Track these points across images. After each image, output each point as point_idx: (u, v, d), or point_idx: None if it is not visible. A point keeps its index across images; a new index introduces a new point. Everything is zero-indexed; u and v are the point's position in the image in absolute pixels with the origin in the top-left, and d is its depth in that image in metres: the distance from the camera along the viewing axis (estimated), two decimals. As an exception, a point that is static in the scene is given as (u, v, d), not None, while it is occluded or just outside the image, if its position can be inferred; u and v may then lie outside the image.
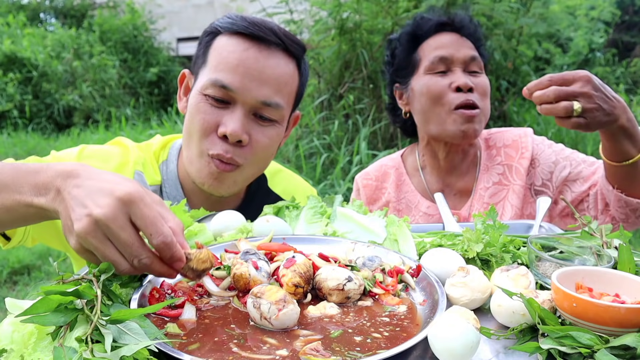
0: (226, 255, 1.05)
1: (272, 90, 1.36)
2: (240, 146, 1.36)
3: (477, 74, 1.73)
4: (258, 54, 1.35)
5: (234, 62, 1.34)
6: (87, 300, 0.77)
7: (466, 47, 1.74)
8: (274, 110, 1.38)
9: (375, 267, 1.01)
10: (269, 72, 1.35)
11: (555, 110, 1.32)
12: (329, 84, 5.70)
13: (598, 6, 8.18)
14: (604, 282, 0.88)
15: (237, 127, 1.33)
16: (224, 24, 1.40)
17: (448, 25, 1.76)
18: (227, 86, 1.34)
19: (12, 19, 11.30)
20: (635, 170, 1.44)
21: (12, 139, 9.16)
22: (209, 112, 1.35)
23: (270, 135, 1.41)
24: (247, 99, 1.35)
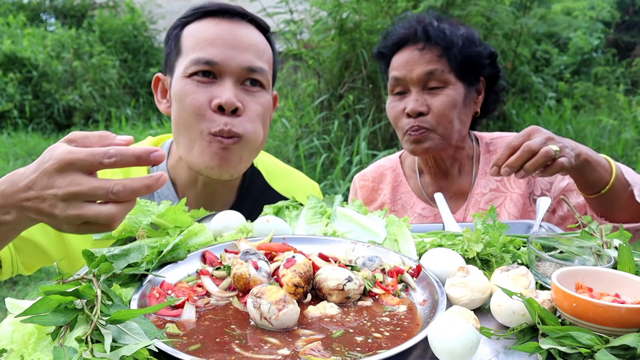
0: (226, 255, 1.06)
1: (254, 56, 1.39)
2: (236, 116, 1.36)
3: (438, 89, 1.66)
4: (231, 24, 1.40)
5: (211, 37, 1.37)
6: (87, 300, 0.77)
7: (423, 63, 1.66)
8: (259, 75, 1.40)
9: (375, 267, 1.01)
10: (246, 39, 1.39)
11: (538, 159, 1.28)
12: (329, 84, 5.70)
13: (597, 6, 8.18)
14: (604, 282, 0.88)
15: (231, 95, 1.34)
16: (188, 15, 1.44)
17: (411, 39, 1.70)
18: (210, 61, 1.35)
19: (12, 19, 11.29)
20: (614, 195, 1.44)
21: (12, 139, 9.16)
22: (197, 90, 1.36)
23: (262, 101, 1.42)
24: (233, 67, 1.36)
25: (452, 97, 1.66)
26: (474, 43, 1.71)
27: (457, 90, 1.67)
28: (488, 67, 1.74)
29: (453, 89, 1.67)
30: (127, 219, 1.13)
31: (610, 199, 1.45)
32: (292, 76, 6.54)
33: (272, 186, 1.65)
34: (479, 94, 1.77)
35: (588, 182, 1.43)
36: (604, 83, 7.84)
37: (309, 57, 5.73)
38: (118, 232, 1.13)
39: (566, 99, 6.96)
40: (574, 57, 7.85)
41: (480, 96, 1.78)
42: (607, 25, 8.60)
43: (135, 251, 1.01)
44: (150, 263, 0.99)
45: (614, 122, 6.35)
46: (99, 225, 0.87)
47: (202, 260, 1.07)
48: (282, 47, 6.20)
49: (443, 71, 1.66)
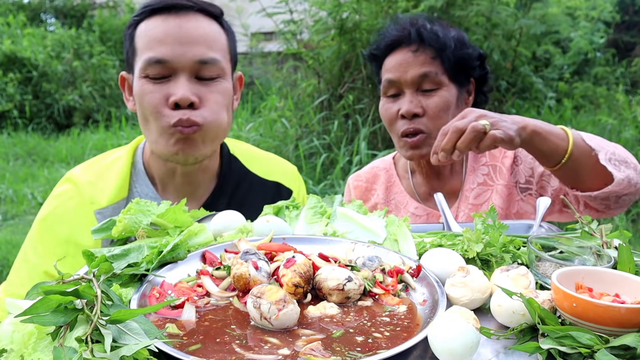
0: (226, 255, 1.06)
1: (204, 48, 1.40)
2: (194, 109, 1.39)
3: (432, 91, 1.67)
4: (178, 20, 1.40)
5: (159, 36, 1.38)
6: (87, 300, 0.77)
7: (417, 65, 1.66)
8: (212, 67, 1.41)
9: (375, 267, 1.01)
10: (194, 32, 1.39)
11: (467, 136, 1.29)
12: (328, 84, 5.70)
13: (598, 6, 8.18)
14: (604, 282, 0.88)
15: (185, 91, 1.37)
16: (139, 13, 1.44)
17: (404, 41, 1.70)
18: (161, 59, 1.37)
19: (12, 19, 11.29)
20: (577, 162, 1.43)
21: (12, 139, 9.16)
22: (154, 90, 1.39)
23: (219, 90, 1.44)
24: (184, 63, 1.38)
25: (446, 98, 1.68)
26: (465, 45, 1.73)
27: (450, 91, 1.69)
28: (478, 68, 1.77)
29: (446, 90, 1.68)
30: (127, 219, 1.13)
31: (574, 168, 1.44)
32: (292, 76, 6.55)
33: (251, 170, 1.67)
34: (469, 95, 1.80)
35: (544, 154, 1.42)
36: (604, 83, 7.83)
37: (308, 57, 5.73)
38: (118, 232, 1.13)
39: (566, 99, 6.96)
40: (575, 57, 7.85)
41: (471, 97, 1.80)
42: (607, 25, 8.59)
43: (135, 251, 1.02)
44: (150, 263, 0.99)
45: (614, 122, 6.35)
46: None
47: (202, 260, 1.07)
48: (282, 47, 6.20)
49: (437, 73, 1.67)
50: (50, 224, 1.45)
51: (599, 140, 1.47)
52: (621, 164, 1.44)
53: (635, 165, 1.47)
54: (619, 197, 1.47)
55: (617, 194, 1.45)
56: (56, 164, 7.83)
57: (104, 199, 1.45)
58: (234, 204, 1.48)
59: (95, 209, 1.44)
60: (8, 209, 5.90)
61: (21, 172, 7.23)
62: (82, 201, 1.45)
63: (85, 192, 1.46)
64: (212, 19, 1.46)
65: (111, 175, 1.50)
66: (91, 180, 1.48)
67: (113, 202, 1.46)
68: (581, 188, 1.51)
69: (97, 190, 1.47)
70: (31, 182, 6.71)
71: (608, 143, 1.47)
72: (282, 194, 1.67)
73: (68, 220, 1.43)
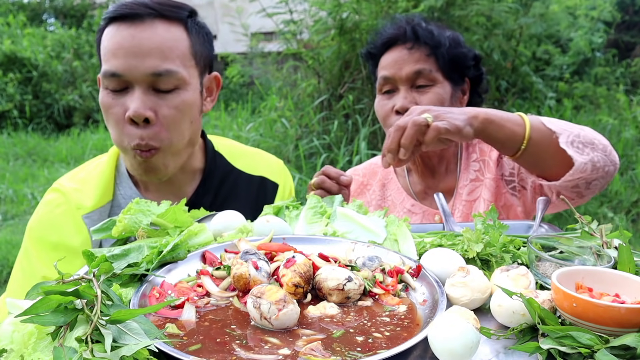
0: (226, 255, 1.06)
1: (157, 60, 1.35)
2: (150, 126, 1.36)
3: (426, 87, 1.70)
4: (132, 30, 1.35)
5: (113, 48, 1.35)
6: (87, 300, 0.77)
7: (412, 62, 1.70)
8: (168, 78, 1.36)
9: (375, 267, 1.01)
10: (147, 43, 1.34)
11: (409, 131, 1.26)
12: (328, 84, 5.70)
13: (598, 6, 8.18)
14: (604, 282, 0.88)
15: (138, 106, 1.34)
16: (104, 17, 1.41)
17: (400, 39, 1.73)
18: (115, 73, 1.35)
19: (12, 19, 11.29)
20: (538, 147, 1.39)
21: (12, 139, 9.16)
22: (113, 103, 1.38)
23: (176, 104, 1.39)
24: (137, 76, 1.35)
25: (440, 94, 1.70)
26: (460, 44, 1.76)
27: (444, 88, 1.72)
28: (473, 68, 1.79)
29: (441, 87, 1.71)
30: (127, 219, 1.13)
31: (535, 154, 1.40)
32: (292, 76, 6.55)
33: (235, 166, 1.66)
34: (464, 94, 1.81)
35: (501, 141, 1.39)
36: (604, 83, 7.83)
37: (308, 57, 5.73)
38: (118, 232, 1.13)
39: (566, 99, 6.97)
40: (575, 57, 7.85)
41: (465, 96, 1.82)
42: (607, 25, 8.59)
43: (135, 251, 1.02)
44: (150, 263, 0.99)
45: (614, 122, 6.35)
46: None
47: (202, 260, 1.07)
48: (282, 47, 6.20)
49: (431, 70, 1.70)
50: (40, 232, 1.47)
51: (562, 123, 1.42)
52: (586, 146, 1.38)
53: (605, 147, 1.41)
54: (589, 183, 1.42)
55: (586, 180, 1.41)
56: (56, 164, 7.84)
57: (89, 203, 1.47)
58: (219, 200, 1.48)
59: (83, 213, 1.46)
60: (8, 209, 5.90)
61: (21, 172, 7.23)
62: (69, 208, 1.47)
63: (71, 199, 1.48)
64: (174, 23, 1.40)
65: (95, 181, 1.51)
66: (76, 187, 1.50)
67: (99, 205, 1.48)
68: (546, 176, 1.48)
69: (82, 195, 1.49)
70: (31, 182, 6.71)
71: (573, 126, 1.42)
72: (268, 188, 1.67)
73: (57, 226, 1.45)
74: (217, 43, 7.83)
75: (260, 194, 1.64)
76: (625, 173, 5.58)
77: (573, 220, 2.02)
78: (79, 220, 1.45)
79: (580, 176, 1.39)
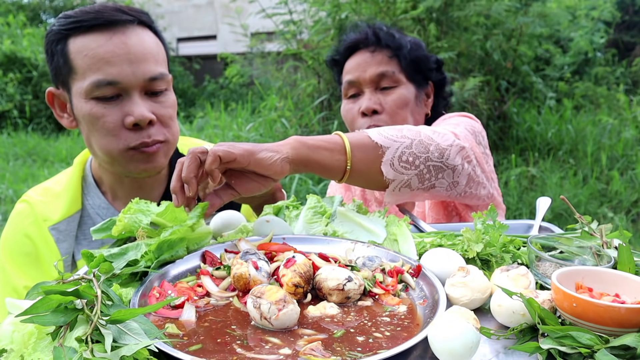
0: (226, 255, 1.06)
1: (151, 64, 1.38)
2: (151, 127, 1.39)
3: (390, 89, 1.72)
4: (121, 37, 1.35)
5: (105, 56, 1.33)
6: (87, 300, 0.77)
7: (375, 64, 1.73)
8: (161, 81, 1.40)
9: (375, 267, 1.01)
10: (139, 49, 1.36)
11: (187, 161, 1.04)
12: (328, 84, 5.70)
13: (599, 6, 8.18)
14: (604, 282, 0.88)
15: (142, 110, 1.36)
16: (68, 25, 1.36)
17: (362, 43, 1.76)
18: (112, 81, 1.34)
19: (12, 19, 11.29)
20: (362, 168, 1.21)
21: (12, 139, 9.16)
22: (107, 112, 1.36)
23: (170, 104, 1.44)
24: (135, 82, 1.36)
25: (404, 95, 1.73)
26: (421, 48, 1.80)
27: (408, 89, 1.75)
28: (435, 71, 1.83)
29: (404, 88, 1.74)
30: (127, 219, 1.13)
31: (361, 173, 1.22)
32: (291, 76, 6.54)
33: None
34: (428, 97, 1.85)
35: (327, 171, 1.19)
36: (604, 83, 7.84)
37: (308, 57, 5.73)
38: (118, 231, 1.13)
39: (566, 99, 6.97)
40: (575, 57, 7.86)
41: (430, 99, 1.85)
42: (607, 25, 8.59)
43: (133, 249, 1.02)
44: (149, 261, 0.99)
45: (614, 122, 6.36)
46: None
47: (202, 260, 1.07)
48: (282, 48, 6.20)
49: (394, 72, 1.73)
50: (13, 244, 1.48)
51: (395, 132, 1.25)
52: (417, 158, 1.24)
53: (442, 152, 1.27)
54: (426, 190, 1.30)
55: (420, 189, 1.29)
56: (56, 164, 7.83)
57: (56, 215, 1.48)
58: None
59: (49, 225, 1.47)
60: (8, 209, 5.90)
61: (21, 172, 7.22)
62: (36, 219, 1.48)
63: (38, 211, 1.49)
64: (148, 29, 1.42)
65: (62, 192, 1.52)
66: (42, 200, 1.51)
67: (66, 216, 1.49)
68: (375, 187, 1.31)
69: (48, 208, 1.49)
70: (31, 182, 6.71)
71: (408, 133, 1.26)
72: None
73: (29, 236, 1.47)
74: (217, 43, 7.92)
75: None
76: (625, 173, 5.58)
77: (573, 220, 2.02)
78: (46, 232, 1.47)
79: (405, 190, 1.28)
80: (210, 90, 12.00)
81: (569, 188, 5.20)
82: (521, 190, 5.23)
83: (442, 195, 1.36)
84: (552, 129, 6.11)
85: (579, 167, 5.70)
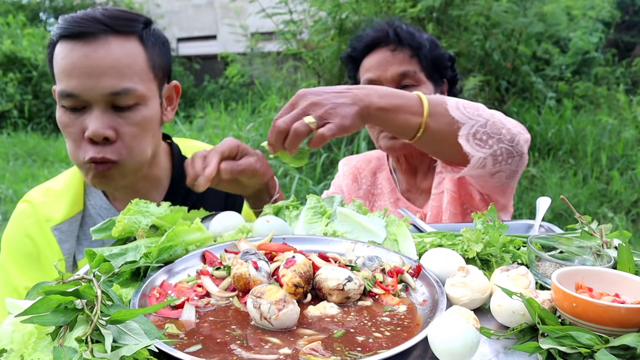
0: (226, 255, 1.06)
1: (114, 79, 1.32)
2: (110, 144, 1.35)
3: (411, 87, 1.72)
4: (86, 49, 1.31)
5: (67, 68, 1.31)
6: (87, 300, 0.77)
7: (396, 64, 1.72)
8: (127, 96, 1.33)
9: (375, 267, 1.01)
10: (101, 63, 1.31)
11: (291, 138, 1.14)
12: (328, 84, 5.70)
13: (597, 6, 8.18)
14: (604, 282, 0.88)
15: (97, 126, 1.32)
16: (55, 32, 1.37)
17: (382, 41, 1.75)
18: (71, 93, 1.32)
19: (12, 19, 11.29)
20: (435, 136, 1.29)
21: (12, 139, 9.16)
22: (70, 123, 1.35)
23: (137, 121, 1.37)
24: (94, 97, 1.31)
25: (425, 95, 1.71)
26: (438, 46, 1.81)
27: (428, 88, 1.75)
28: (449, 69, 1.84)
29: (425, 87, 1.74)
30: (127, 219, 1.13)
31: (432, 141, 1.30)
32: (292, 76, 6.55)
33: None
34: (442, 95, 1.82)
35: (395, 129, 1.30)
36: (604, 83, 7.84)
37: (308, 57, 5.74)
38: (118, 232, 1.13)
39: (566, 99, 6.97)
40: (575, 57, 7.85)
41: None
42: (607, 25, 8.59)
43: (133, 250, 1.02)
44: (149, 260, 1.00)
45: (614, 122, 6.36)
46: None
47: (202, 260, 1.07)
48: (282, 47, 6.21)
49: (415, 71, 1.73)
50: (15, 244, 1.48)
51: (471, 109, 1.30)
52: (491, 137, 1.29)
53: (512, 137, 1.32)
54: (492, 175, 1.37)
55: (488, 172, 1.35)
56: (56, 164, 7.83)
57: (59, 215, 1.48)
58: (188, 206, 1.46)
59: (51, 225, 1.47)
60: (8, 209, 5.90)
61: (21, 172, 7.23)
62: (38, 220, 1.48)
63: (40, 211, 1.48)
64: (129, 37, 1.36)
65: (65, 193, 1.52)
66: (45, 200, 1.51)
67: (69, 216, 1.49)
68: (447, 163, 1.41)
69: (51, 208, 1.49)
70: (31, 182, 6.71)
71: (483, 113, 1.32)
72: None
73: (30, 237, 1.47)
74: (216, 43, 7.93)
75: (230, 199, 1.63)
76: (625, 173, 5.58)
77: (573, 220, 2.02)
78: (48, 232, 1.46)
79: (479, 171, 1.33)
80: (210, 90, 12.01)
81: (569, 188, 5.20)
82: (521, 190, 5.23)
83: (499, 183, 1.41)
84: (552, 129, 6.11)
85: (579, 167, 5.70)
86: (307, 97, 1.18)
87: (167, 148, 1.63)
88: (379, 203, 1.90)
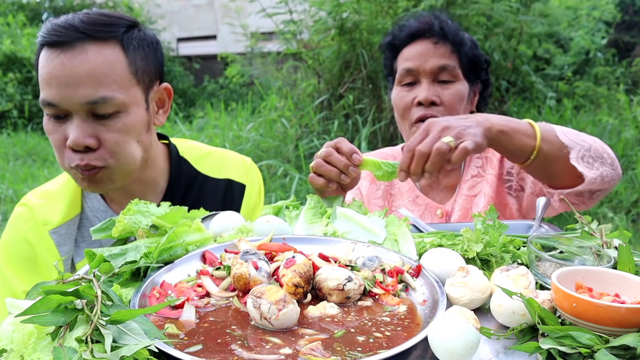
0: (226, 255, 1.06)
1: (91, 88, 1.30)
2: (92, 151, 1.34)
3: (448, 83, 1.72)
4: (62, 58, 1.29)
5: (46, 77, 1.30)
6: (87, 301, 0.77)
7: (437, 56, 1.72)
8: (105, 105, 1.31)
9: (375, 267, 1.01)
10: (78, 72, 1.29)
11: (433, 159, 1.25)
12: (328, 84, 5.70)
13: (600, 6, 8.18)
14: (604, 282, 0.88)
15: (77, 135, 1.31)
16: (38, 39, 1.35)
17: (426, 32, 1.75)
18: (50, 102, 1.31)
19: (12, 19, 11.30)
20: (547, 159, 1.40)
21: (12, 139, 9.17)
22: (54, 130, 1.36)
23: (118, 127, 1.35)
24: (73, 106, 1.30)
25: (461, 91, 1.74)
26: (477, 46, 1.82)
27: (464, 85, 1.75)
28: (484, 72, 1.84)
29: (461, 84, 1.75)
30: (127, 220, 1.13)
31: (544, 165, 1.42)
32: (292, 76, 6.55)
33: (199, 170, 1.64)
34: (475, 96, 1.85)
35: (511, 152, 1.40)
36: (604, 83, 7.83)
37: (308, 57, 5.73)
38: (118, 232, 1.13)
39: (566, 99, 6.97)
40: (576, 56, 7.85)
41: (476, 98, 1.86)
42: (607, 25, 8.59)
43: (133, 250, 1.02)
44: (149, 260, 1.00)
45: (614, 122, 6.35)
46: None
47: (202, 260, 1.07)
48: (282, 47, 6.21)
49: (454, 67, 1.73)
50: (12, 248, 1.48)
51: (574, 135, 1.43)
52: (596, 160, 1.42)
53: (612, 161, 1.45)
54: (593, 193, 1.46)
55: (591, 190, 1.44)
56: (56, 164, 7.83)
57: (56, 218, 1.48)
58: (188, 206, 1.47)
59: (49, 229, 1.47)
60: (8, 209, 5.90)
61: (21, 172, 7.23)
62: (35, 223, 1.48)
63: (37, 215, 1.48)
64: (108, 44, 1.33)
65: (62, 196, 1.52)
66: (42, 203, 1.51)
67: (66, 219, 1.49)
68: (553, 185, 1.51)
69: (48, 211, 1.49)
70: (31, 182, 6.71)
71: (585, 138, 1.44)
72: (235, 191, 1.65)
73: (28, 241, 1.47)
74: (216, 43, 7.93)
75: (228, 197, 1.63)
76: (625, 173, 5.58)
77: (573, 220, 2.02)
78: (46, 236, 1.46)
79: (588, 188, 1.43)
80: (210, 90, 12.01)
81: (569, 188, 5.19)
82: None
83: (594, 203, 1.52)
84: (553, 129, 6.09)
85: (579, 167, 5.68)
86: (438, 124, 1.30)
87: (165, 149, 1.61)
88: (397, 203, 1.89)
